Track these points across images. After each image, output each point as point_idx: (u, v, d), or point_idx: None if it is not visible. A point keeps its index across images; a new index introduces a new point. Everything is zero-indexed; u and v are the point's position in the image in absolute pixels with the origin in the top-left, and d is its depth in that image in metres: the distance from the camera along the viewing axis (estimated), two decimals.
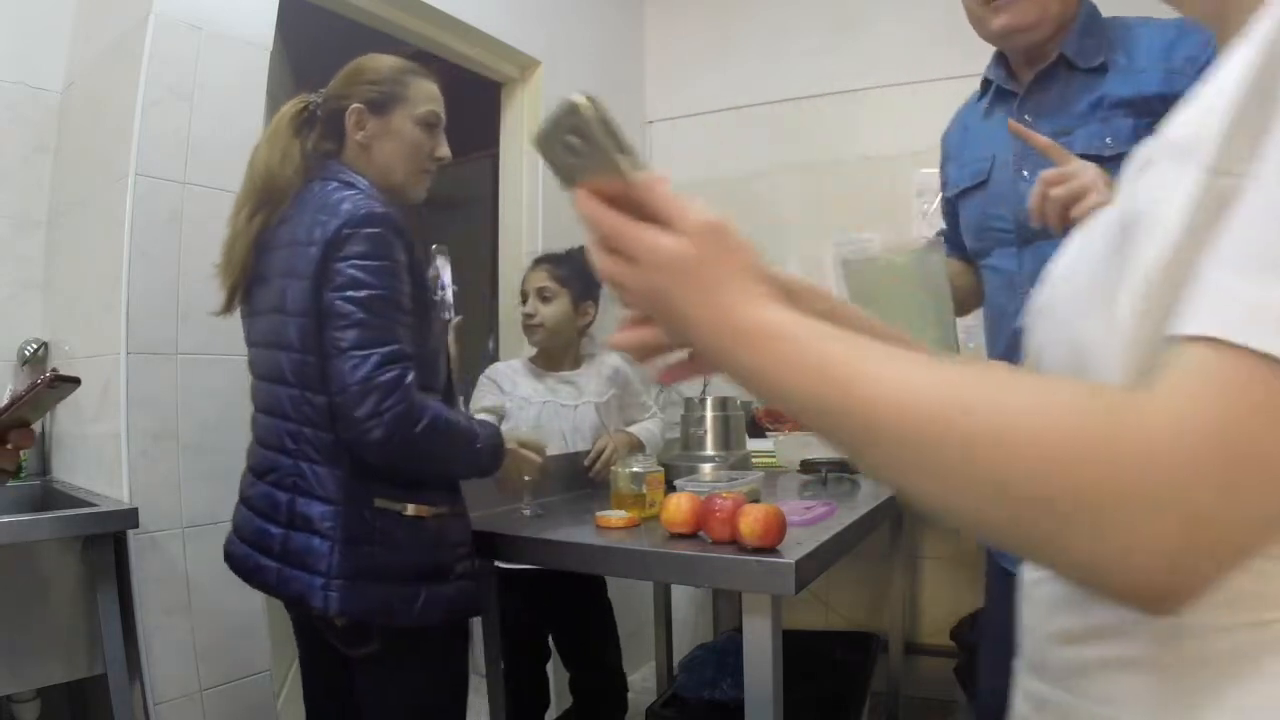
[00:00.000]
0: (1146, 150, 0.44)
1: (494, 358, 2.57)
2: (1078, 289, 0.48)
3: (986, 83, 1.42)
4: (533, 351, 2.12)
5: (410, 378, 1.13)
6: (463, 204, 3.51)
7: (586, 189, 0.47)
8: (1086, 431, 0.34)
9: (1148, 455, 0.33)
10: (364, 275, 1.14)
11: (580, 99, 0.44)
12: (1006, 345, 1.28)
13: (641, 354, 0.51)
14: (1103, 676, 0.44)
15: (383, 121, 1.30)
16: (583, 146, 0.45)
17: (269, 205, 1.27)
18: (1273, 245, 0.32)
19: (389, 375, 1.11)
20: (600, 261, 0.48)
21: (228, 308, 1.33)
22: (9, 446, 0.80)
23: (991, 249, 1.37)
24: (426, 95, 1.33)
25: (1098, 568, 0.35)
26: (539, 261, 2.07)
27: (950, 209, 1.50)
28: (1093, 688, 0.44)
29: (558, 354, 2.07)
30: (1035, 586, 0.51)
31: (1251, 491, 0.32)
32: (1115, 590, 0.35)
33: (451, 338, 1.60)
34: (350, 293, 1.13)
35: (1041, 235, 1.17)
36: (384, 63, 1.33)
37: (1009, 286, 1.31)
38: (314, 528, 1.17)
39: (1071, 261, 0.51)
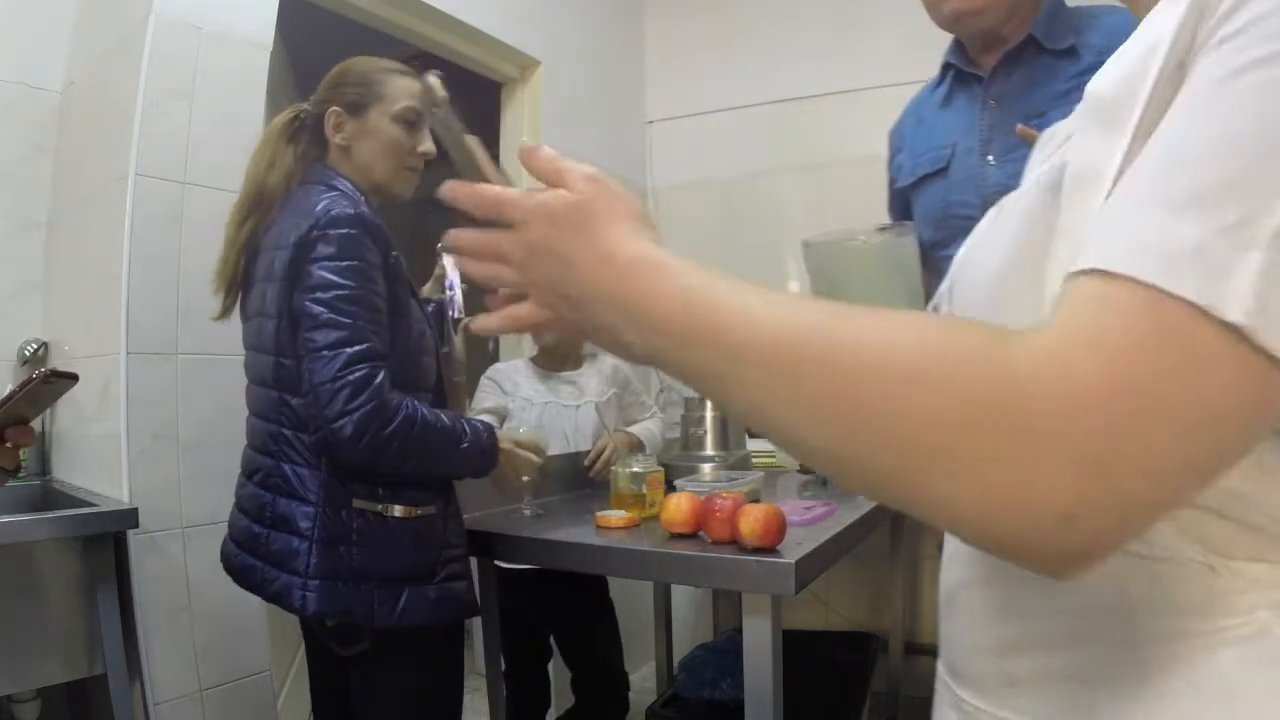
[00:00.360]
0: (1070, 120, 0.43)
1: (495, 357, 2.57)
2: (996, 270, 0.46)
3: (946, 68, 1.40)
4: (533, 351, 2.12)
5: (381, 377, 1.13)
6: None
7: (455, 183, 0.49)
8: (957, 367, 0.31)
9: (1026, 393, 0.30)
10: (333, 276, 1.14)
11: (432, 79, 0.48)
12: None
13: (514, 330, 0.52)
14: (1043, 690, 0.41)
15: (360, 122, 1.30)
16: (444, 119, 0.48)
17: (259, 211, 1.29)
18: (1166, 179, 0.31)
19: (358, 374, 1.11)
20: (473, 238, 0.49)
21: (224, 313, 1.35)
22: (7, 445, 0.78)
23: (954, 238, 1.32)
24: (405, 92, 1.32)
25: (987, 524, 0.31)
26: None
27: (900, 202, 1.46)
28: (1037, 705, 0.42)
29: (560, 354, 2.07)
30: (964, 591, 0.47)
31: (1146, 434, 0.29)
32: (1009, 548, 0.32)
33: (459, 338, 1.61)
34: (320, 294, 1.14)
35: None
36: (363, 64, 1.34)
37: None
38: (293, 528, 1.18)
39: (984, 241, 0.49)
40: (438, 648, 1.27)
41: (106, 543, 1.42)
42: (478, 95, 2.72)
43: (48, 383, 0.75)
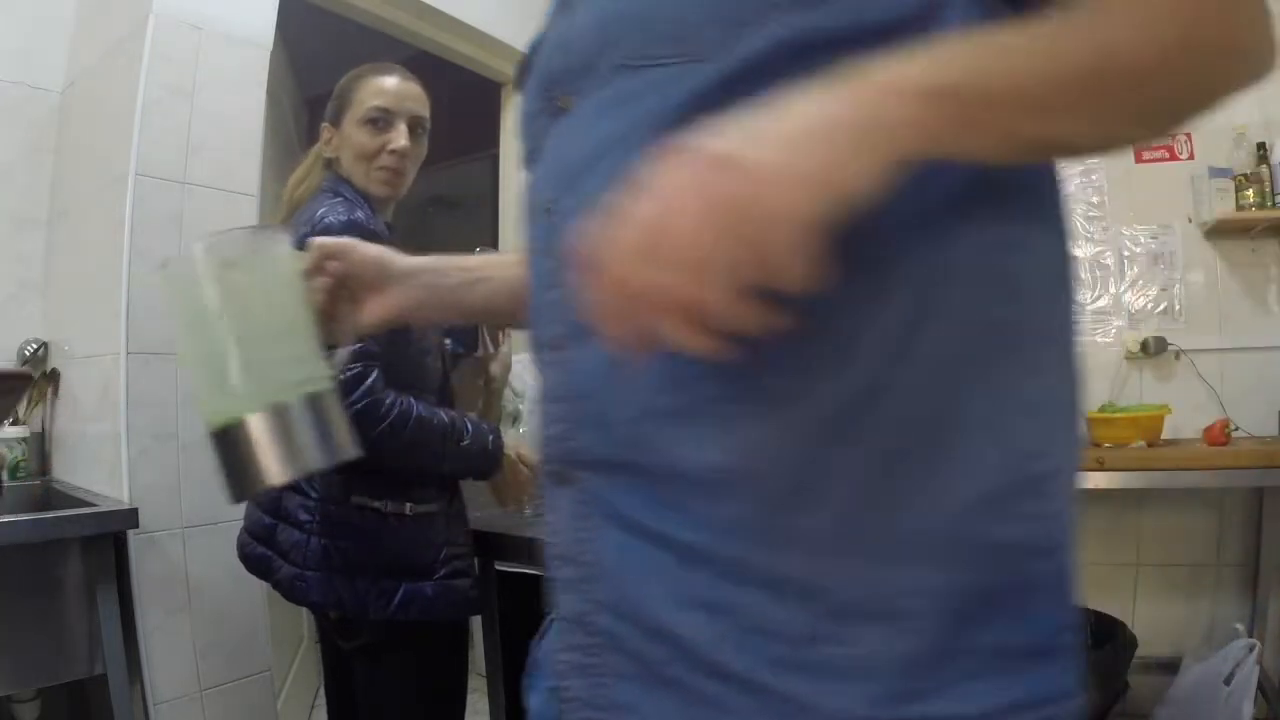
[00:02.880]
0: None
1: None
2: None
3: None
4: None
5: (374, 376, 1.16)
6: (463, 204, 3.51)
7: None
8: None
9: None
10: None
11: None
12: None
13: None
14: None
15: (340, 132, 1.34)
16: None
17: (286, 221, 1.35)
18: None
19: (349, 373, 1.14)
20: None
21: None
22: None
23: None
24: (372, 92, 1.33)
25: None
26: None
27: None
28: None
29: None
30: None
31: None
32: None
33: (507, 345, 1.64)
34: None
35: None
36: (347, 76, 1.37)
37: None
38: (295, 521, 1.22)
39: None
40: (438, 645, 1.27)
41: (106, 543, 1.42)
42: (478, 95, 2.72)
43: None
